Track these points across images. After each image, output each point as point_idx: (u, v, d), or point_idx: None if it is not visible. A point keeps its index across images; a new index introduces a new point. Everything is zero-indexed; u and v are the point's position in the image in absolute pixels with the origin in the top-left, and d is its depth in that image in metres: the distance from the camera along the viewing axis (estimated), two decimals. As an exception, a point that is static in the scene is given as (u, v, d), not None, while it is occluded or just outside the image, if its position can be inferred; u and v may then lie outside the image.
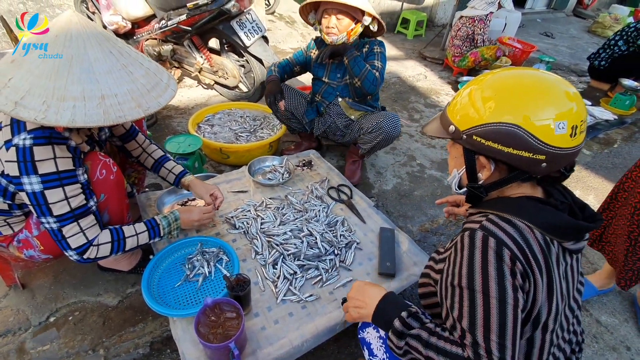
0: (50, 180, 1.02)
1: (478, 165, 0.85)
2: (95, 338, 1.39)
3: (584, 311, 1.71)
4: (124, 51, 1.04)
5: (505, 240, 0.74)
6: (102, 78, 0.97)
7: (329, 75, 2.13)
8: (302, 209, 1.67)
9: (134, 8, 2.81)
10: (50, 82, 0.93)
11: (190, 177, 1.53)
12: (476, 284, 0.74)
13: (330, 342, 1.37)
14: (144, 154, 1.53)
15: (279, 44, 4.56)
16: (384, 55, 2.01)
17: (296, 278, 1.35)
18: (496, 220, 0.78)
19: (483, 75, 0.85)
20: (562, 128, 0.73)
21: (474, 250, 0.76)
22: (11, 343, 1.35)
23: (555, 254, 0.78)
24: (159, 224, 1.29)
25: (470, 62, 4.00)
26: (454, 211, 1.26)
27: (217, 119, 2.55)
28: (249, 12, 2.65)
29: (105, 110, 0.96)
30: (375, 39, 2.04)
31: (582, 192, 2.60)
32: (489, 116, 0.77)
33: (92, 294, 1.53)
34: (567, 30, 7.25)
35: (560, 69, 5.01)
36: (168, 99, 1.09)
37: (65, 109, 0.93)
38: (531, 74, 0.81)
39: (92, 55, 0.97)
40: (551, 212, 0.78)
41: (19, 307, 1.47)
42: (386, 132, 1.99)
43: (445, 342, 0.76)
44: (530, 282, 0.74)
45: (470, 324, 0.73)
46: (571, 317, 0.88)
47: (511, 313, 0.71)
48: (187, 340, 1.13)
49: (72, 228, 1.08)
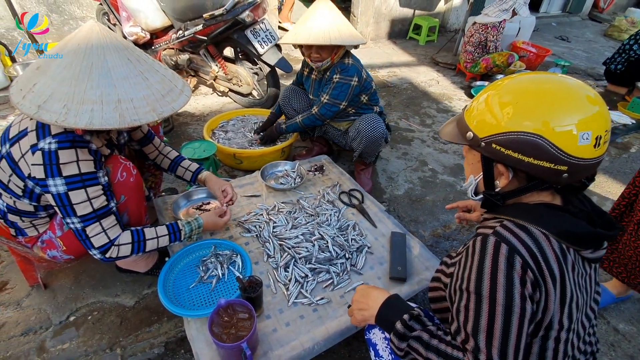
0: (74, 182, 1.08)
1: (496, 173, 0.83)
2: (112, 337, 1.43)
3: (601, 319, 1.66)
4: (141, 59, 1.10)
5: (518, 248, 0.73)
6: (119, 83, 1.02)
7: (313, 92, 2.24)
8: (314, 213, 1.69)
9: (153, 19, 2.92)
10: (71, 88, 0.98)
11: (206, 172, 1.60)
12: (484, 290, 0.73)
13: (341, 346, 1.38)
14: (160, 155, 1.60)
15: (292, 51, 4.63)
16: (339, 85, 1.99)
17: (307, 281, 1.37)
18: (511, 227, 0.77)
19: (501, 80, 0.83)
20: (586, 139, 0.70)
21: (484, 255, 0.76)
22: (32, 342, 1.40)
23: (571, 263, 0.77)
24: (181, 230, 1.32)
25: (482, 68, 3.98)
26: (465, 217, 1.25)
27: (231, 125, 2.61)
28: (263, 21, 2.72)
29: (121, 114, 1.01)
30: (342, 62, 2.01)
31: (599, 199, 2.54)
32: (508, 123, 0.75)
33: (111, 295, 1.58)
34: (582, 34, 7.12)
35: (577, 72, 4.92)
36: (182, 104, 1.13)
37: (83, 112, 0.98)
38: (551, 78, 0.79)
39: (111, 62, 1.02)
40: (569, 220, 0.77)
41: (40, 306, 1.52)
42: (366, 135, 2.02)
43: (446, 345, 0.76)
44: (541, 291, 0.72)
45: (474, 329, 0.73)
46: (588, 326, 0.86)
47: (516, 322, 0.70)
48: (201, 341, 1.15)
49: (95, 228, 1.13)
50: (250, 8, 2.53)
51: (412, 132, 3.14)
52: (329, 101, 2.03)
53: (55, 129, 1.07)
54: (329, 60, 1.98)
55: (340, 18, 1.94)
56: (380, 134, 2.04)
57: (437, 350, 0.76)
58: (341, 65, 2.00)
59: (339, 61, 2.01)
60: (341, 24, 1.93)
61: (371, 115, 2.06)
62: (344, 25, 1.94)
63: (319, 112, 2.07)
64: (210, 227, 1.42)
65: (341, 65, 2.00)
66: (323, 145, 2.53)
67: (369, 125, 2.02)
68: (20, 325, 1.45)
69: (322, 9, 1.93)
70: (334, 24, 1.90)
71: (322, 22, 1.89)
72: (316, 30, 1.88)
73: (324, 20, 1.89)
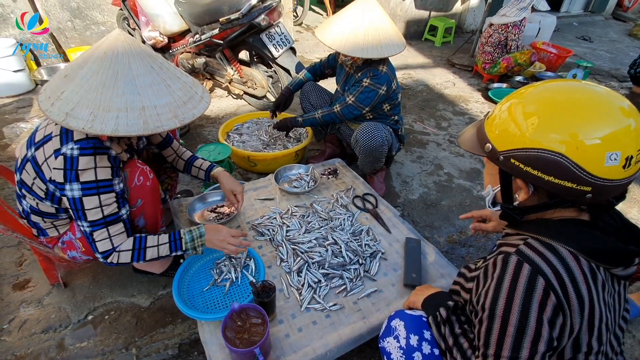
0: (89, 187, 1.10)
1: (514, 187, 0.80)
2: (128, 337, 1.46)
3: (626, 332, 1.59)
4: (164, 66, 1.12)
5: (543, 268, 0.70)
6: (143, 91, 1.04)
7: (342, 85, 2.21)
8: (327, 218, 1.68)
9: (171, 24, 2.98)
10: (97, 95, 1.01)
11: (219, 168, 1.62)
12: (497, 309, 0.72)
13: (353, 353, 1.36)
14: (177, 157, 1.63)
15: (306, 54, 4.65)
16: (367, 90, 1.95)
17: (320, 286, 1.36)
18: (536, 246, 0.74)
19: (524, 87, 0.79)
20: (614, 159, 0.65)
21: (504, 275, 0.73)
22: (52, 339, 1.44)
23: (602, 282, 0.73)
24: (181, 238, 1.26)
25: (502, 69, 3.90)
26: (480, 227, 1.22)
27: (246, 127, 2.63)
28: (278, 24, 2.73)
29: (145, 121, 1.03)
30: (376, 68, 1.94)
31: (624, 205, 2.44)
32: (532, 135, 0.71)
33: (127, 295, 1.61)
34: (606, 33, 6.89)
35: (600, 74, 4.76)
36: (202, 111, 1.15)
37: (109, 119, 1.00)
38: (580, 86, 0.74)
39: (135, 70, 1.05)
40: (598, 237, 0.73)
41: (60, 304, 1.56)
42: (361, 144, 1.99)
43: (468, 343, 0.82)
44: (565, 314, 0.69)
45: (485, 345, 0.73)
46: (616, 345, 0.82)
47: (528, 345, 0.68)
48: (214, 344, 1.16)
49: (102, 233, 1.16)
50: (266, 12, 2.55)
51: (427, 135, 3.10)
52: (353, 103, 1.99)
53: (78, 135, 1.10)
54: (350, 59, 1.97)
55: (377, 20, 1.82)
56: (376, 144, 1.97)
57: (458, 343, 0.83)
58: (374, 70, 1.94)
59: (374, 65, 1.96)
60: (374, 31, 1.80)
61: (370, 124, 1.99)
62: (375, 30, 1.81)
63: (341, 111, 2.03)
64: (210, 241, 1.29)
65: (374, 70, 1.94)
66: (336, 146, 2.52)
67: (366, 135, 1.96)
68: (41, 322, 1.49)
69: (356, 8, 1.84)
70: (363, 31, 1.79)
71: (352, 26, 1.81)
72: (343, 35, 1.82)
73: (354, 25, 1.81)
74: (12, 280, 1.64)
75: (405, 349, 0.93)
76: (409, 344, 0.92)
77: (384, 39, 1.83)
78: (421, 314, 1.01)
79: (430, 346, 0.92)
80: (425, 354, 0.90)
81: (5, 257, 1.75)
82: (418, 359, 0.90)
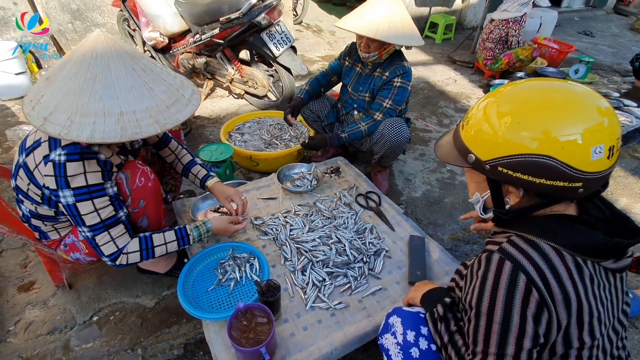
0: (81, 193, 1.09)
1: (504, 192, 0.80)
2: (134, 338, 1.46)
3: (632, 328, 1.59)
4: (148, 68, 1.07)
5: (524, 265, 0.71)
6: (122, 95, 0.99)
7: (354, 86, 2.16)
8: (331, 216, 1.68)
9: (171, 24, 2.97)
10: (75, 99, 0.97)
11: (213, 180, 1.55)
12: (482, 307, 0.73)
13: (359, 351, 1.36)
14: (176, 159, 1.59)
15: (307, 52, 4.64)
16: (401, 90, 1.94)
17: (325, 285, 1.36)
18: (518, 243, 0.75)
19: (503, 86, 0.79)
20: (599, 152, 0.67)
21: (487, 273, 0.75)
22: (58, 340, 1.44)
23: (589, 276, 0.73)
24: (189, 235, 1.31)
25: (503, 65, 3.88)
26: (481, 227, 1.21)
27: (247, 127, 2.63)
28: (278, 23, 2.73)
29: (123, 127, 0.99)
30: (402, 64, 1.96)
31: (629, 200, 2.43)
32: (505, 132, 0.71)
33: (132, 295, 1.61)
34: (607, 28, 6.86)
35: (602, 68, 4.74)
36: (187, 115, 1.10)
37: (86, 125, 0.96)
38: (557, 85, 0.75)
39: (115, 73, 1.00)
40: (583, 232, 0.74)
41: (65, 306, 1.57)
42: (390, 140, 1.96)
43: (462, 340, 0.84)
44: (550, 310, 0.69)
45: (474, 342, 0.75)
46: (616, 339, 0.82)
47: (513, 341, 0.69)
48: (220, 343, 1.16)
49: (104, 237, 1.15)
50: (266, 11, 2.55)
51: (429, 132, 3.09)
52: (391, 107, 1.96)
53: (65, 140, 1.07)
54: (376, 54, 1.92)
55: (399, 13, 1.83)
56: (403, 140, 1.98)
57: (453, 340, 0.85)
58: (402, 67, 1.93)
59: (397, 62, 1.95)
60: (397, 20, 1.81)
61: (396, 120, 1.98)
62: (400, 21, 1.82)
63: (383, 117, 1.98)
64: (220, 232, 1.41)
65: (402, 68, 1.93)
66: (339, 146, 2.51)
67: (394, 130, 1.95)
68: (47, 324, 1.50)
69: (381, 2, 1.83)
70: (388, 17, 1.79)
71: (376, 13, 1.80)
72: (367, 20, 1.80)
73: (379, 12, 1.80)
74: (17, 282, 1.65)
75: (402, 345, 0.93)
76: (406, 340, 0.93)
77: (408, 31, 1.84)
78: (419, 310, 1.02)
79: (427, 342, 0.93)
80: (422, 350, 0.91)
81: (10, 259, 1.75)
82: (415, 354, 0.91)
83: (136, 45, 3.57)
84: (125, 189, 1.25)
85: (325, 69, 2.28)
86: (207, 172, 1.58)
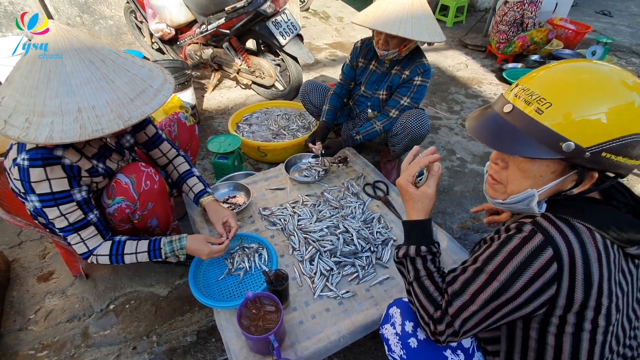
0: (46, 200, 1.06)
1: (585, 180, 0.74)
2: (148, 325, 1.51)
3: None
4: (108, 59, 0.99)
5: (557, 241, 0.69)
6: (79, 90, 0.93)
7: (367, 84, 2.08)
8: (338, 206, 1.68)
9: (177, 15, 2.96)
10: (31, 99, 0.91)
11: (208, 199, 1.46)
12: (489, 266, 0.74)
13: (367, 339, 1.38)
14: (171, 165, 1.51)
15: (314, 40, 4.58)
16: (421, 88, 1.89)
17: (332, 274, 1.37)
18: (552, 218, 0.73)
19: (578, 61, 0.74)
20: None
21: (512, 238, 0.74)
22: (77, 327, 1.50)
23: (614, 260, 0.72)
24: (161, 248, 1.25)
25: (517, 48, 3.76)
26: (494, 219, 1.18)
27: (255, 118, 2.63)
28: (284, 11, 2.69)
29: (82, 124, 0.92)
30: (423, 62, 1.87)
31: (645, 186, 2.36)
32: (621, 121, 0.65)
33: (146, 285, 1.66)
34: (626, 7, 6.55)
35: (620, 50, 4.56)
36: (156, 107, 1.02)
37: (44, 125, 0.90)
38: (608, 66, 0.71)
39: (70, 67, 0.93)
40: (614, 213, 0.72)
41: (83, 294, 1.63)
42: (413, 132, 1.90)
43: (432, 283, 0.85)
44: (560, 287, 0.69)
45: (455, 294, 0.78)
46: (629, 328, 0.81)
47: (503, 299, 0.72)
48: (231, 331, 1.19)
49: (74, 238, 1.16)
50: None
51: (439, 119, 3.04)
52: (409, 104, 1.92)
53: (29, 144, 1.02)
54: (396, 52, 1.84)
55: (420, 7, 1.74)
56: (425, 132, 1.93)
57: (422, 285, 0.86)
58: (422, 65, 1.87)
59: (417, 59, 1.88)
60: (420, 16, 1.72)
61: (418, 111, 1.92)
62: (424, 16, 1.73)
63: (400, 115, 1.94)
64: (193, 253, 1.28)
65: (423, 66, 1.86)
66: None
67: (418, 122, 1.88)
68: (66, 312, 1.56)
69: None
70: (410, 14, 1.70)
71: (397, 8, 1.71)
72: (388, 16, 1.70)
73: (399, 6, 1.71)
74: (37, 272, 1.71)
75: (400, 335, 0.94)
76: (404, 330, 0.94)
77: (431, 25, 1.75)
78: None
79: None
80: (420, 340, 0.92)
81: (29, 250, 1.82)
82: (413, 344, 0.92)
83: (144, 37, 3.58)
84: (132, 194, 1.26)
85: (341, 79, 2.17)
86: (204, 188, 1.48)
